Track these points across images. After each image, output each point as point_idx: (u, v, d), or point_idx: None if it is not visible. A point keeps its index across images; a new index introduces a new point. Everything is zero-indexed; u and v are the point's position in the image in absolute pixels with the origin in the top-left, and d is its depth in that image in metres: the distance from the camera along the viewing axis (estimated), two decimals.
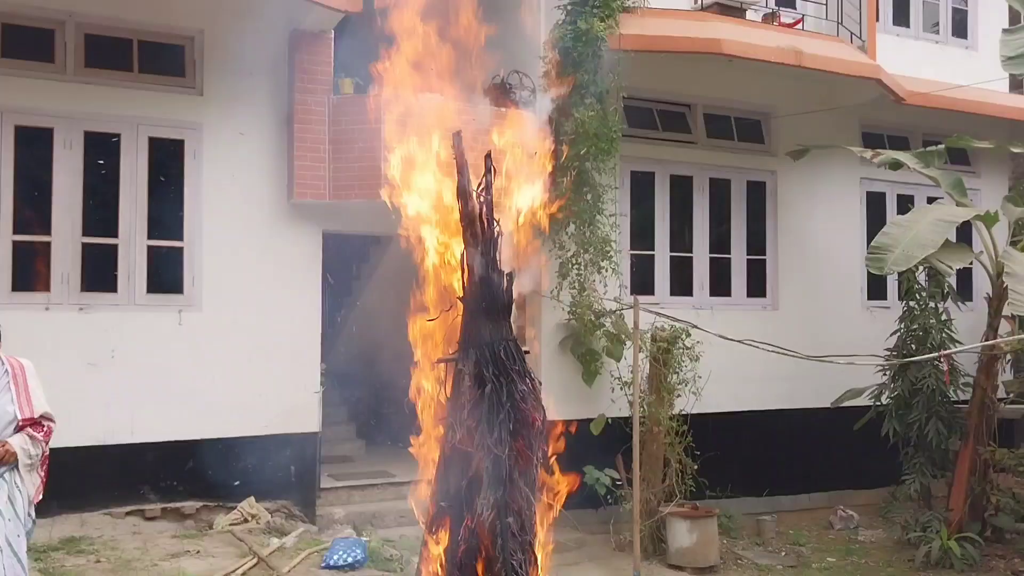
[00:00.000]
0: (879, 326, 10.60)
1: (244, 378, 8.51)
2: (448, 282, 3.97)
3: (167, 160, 8.46)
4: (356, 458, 10.65)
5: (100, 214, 8.21)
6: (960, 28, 12.83)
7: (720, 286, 10.93)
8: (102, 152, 8.23)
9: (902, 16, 12.37)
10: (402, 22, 4.66)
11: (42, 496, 5.14)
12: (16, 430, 4.95)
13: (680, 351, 9.14)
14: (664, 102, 10.74)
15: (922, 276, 10.21)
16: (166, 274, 8.43)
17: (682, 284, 10.71)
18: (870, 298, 11.79)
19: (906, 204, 11.46)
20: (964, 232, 10.93)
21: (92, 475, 7.85)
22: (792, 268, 11.26)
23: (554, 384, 9.29)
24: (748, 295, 11.09)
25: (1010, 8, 11.93)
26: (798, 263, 11.29)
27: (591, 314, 9.41)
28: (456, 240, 3.86)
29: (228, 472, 8.42)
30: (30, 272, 8.08)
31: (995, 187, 12.59)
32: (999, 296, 9.02)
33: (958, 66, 12.07)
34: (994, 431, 9.26)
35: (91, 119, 8.15)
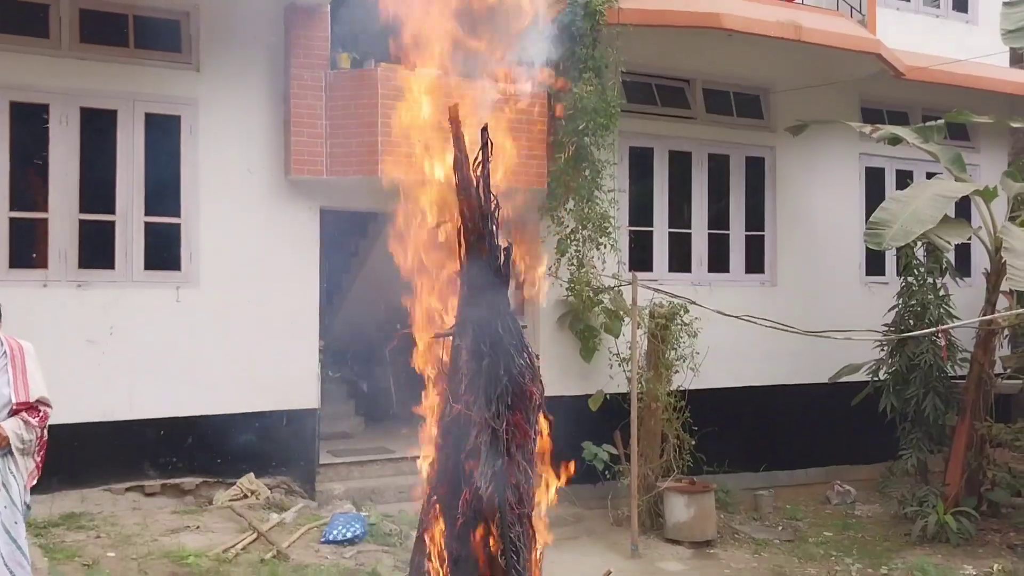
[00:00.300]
0: (877, 302, 10.61)
1: (242, 354, 8.52)
2: (445, 254, 3.97)
3: (164, 136, 8.42)
4: (355, 434, 10.68)
5: (97, 191, 8.18)
6: (960, 2, 12.76)
7: (719, 262, 10.93)
8: (98, 128, 8.19)
9: None
10: None
11: (37, 478, 5.13)
12: (10, 414, 4.92)
13: (678, 327, 9.15)
14: (663, 77, 10.70)
15: (920, 252, 10.21)
16: (163, 251, 8.41)
17: (680, 260, 10.71)
18: (868, 274, 11.80)
19: (905, 179, 11.45)
20: (963, 207, 10.92)
21: (91, 451, 7.87)
22: (791, 244, 11.26)
23: (553, 360, 9.31)
24: (746, 271, 11.10)
25: None
26: (797, 239, 11.29)
27: (589, 290, 9.41)
28: (453, 212, 3.85)
29: (227, 448, 8.44)
30: (27, 249, 8.07)
31: (994, 162, 12.56)
32: (997, 271, 9.02)
33: (958, 40, 12.01)
34: (991, 406, 9.30)
35: (87, 95, 8.10)
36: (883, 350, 10.09)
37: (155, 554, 6.86)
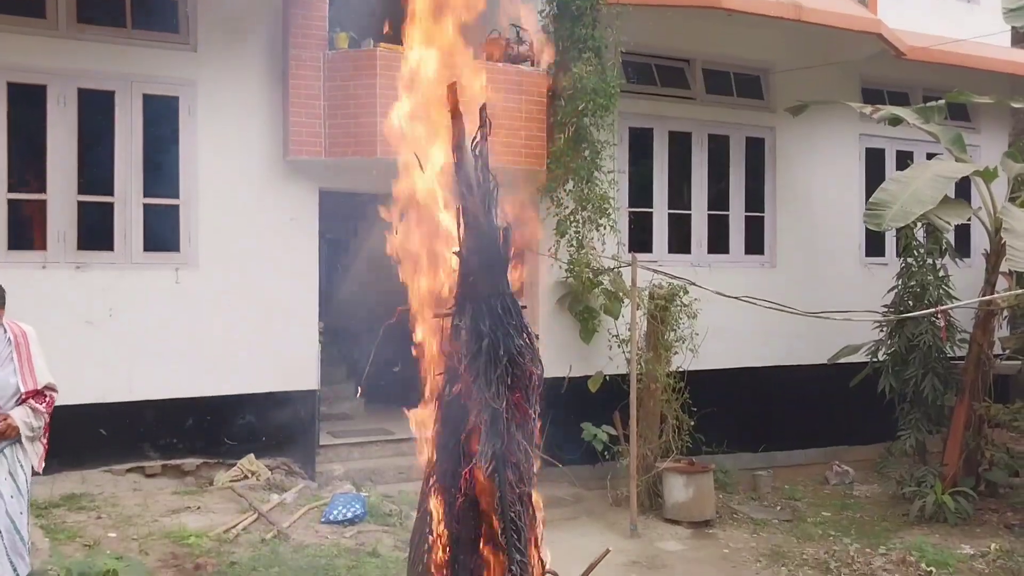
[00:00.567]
0: (877, 283, 10.62)
1: (242, 336, 8.52)
2: (444, 237, 3.96)
3: (162, 117, 8.39)
4: (355, 416, 10.70)
5: (95, 172, 8.16)
6: None
7: (718, 243, 10.92)
8: (96, 109, 8.15)
9: None
10: None
11: (43, 465, 5.15)
12: (18, 402, 4.92)
13: (678, 308, 9.15)
14: (663, 57, 10.65)
15: (920, 233, 10.20)
16: (162, 232, 8.39)
17: (680, 241, 10.71)
18: (868, 255, 11.80)
19: (905, 160, 11.42)
20: (963, 188, 10.92)
21: (92, 433, 7.89)
22: (790, 225, 11.24)
23: (552, 342, 9.32)
24: (746, 252, 11.10)
25: None
26: (796, 220, 11.28)
27: (589, 272, 9.40)
28: (452, 193, 3.84)
29: (227, 429, 8.46)
30: (26, 231, 8.06)
31: (995, 143, 12.53)
32: (997, 252, 9.02)
33: (959, 20, 11.97)
34: (990, 387, 9.32)
35: (84, 76, 8.07)
36: (882, 331, 10.11)
37: (156, 534, 6.89)
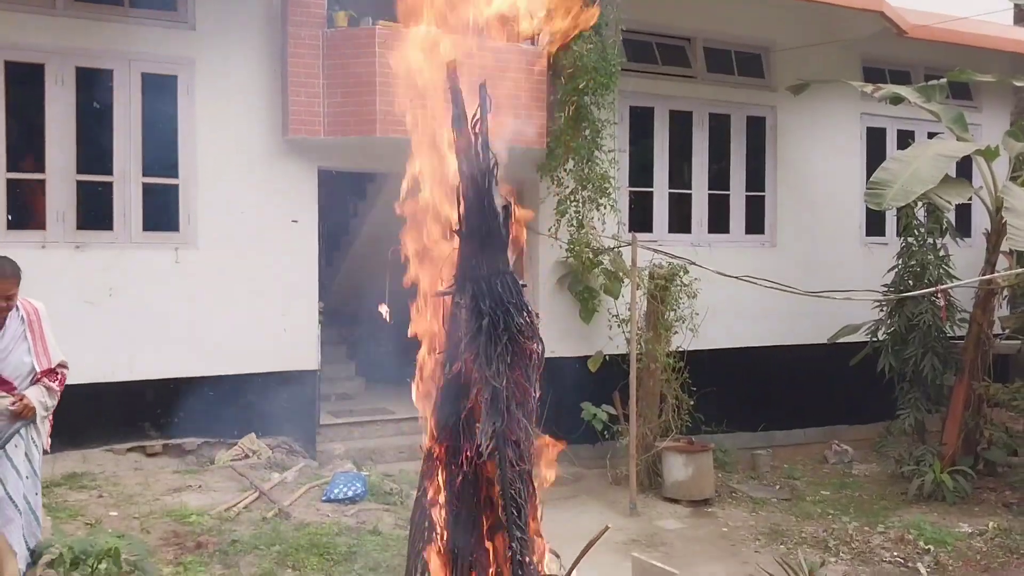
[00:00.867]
0: (877, 262, 10.61)
1: (242, 316, 8.53)
2: (444, 215, 3.95)
3: (161, 96, 8.35)
4: (355, 395, 10.74)
5: (94, 151, 8.14)
6: None
7: (719, 223, 10.91)
8: (95, 88, 8.13)
9: None
10: None
11: (50, 443, 5.16)
12: (33, 381, 4.91)
13: (678, 288, 9.14)
14: (664, 36, 10.60)
15: (921, 212, 10.18)
16: (162, 212, 8.38)
17: (681, 221, 10.70)
18: (868, 234, 11.79)
19: (906, 140, 11.38)
20: (964, 167, 10.88)
21: (93, 412, 7.90)
22: (791, 205, 11.23)
23: (552, 322, 9.32)
24: (746, 232, 11.09)
25: None
26: (797, 200, 11.26)
27: (589, 252, 9.40)
28: (452, 172, 3.82)
29: (228, 409, 8.47)
30: (25, 210, 8.04)
31: (997, 122, 12.49)
32: (998, 231, 9.00)
33: None
34: (989, 366, 9.32)
35: (82, 55, 8.03)
36: (882, 310, 10.10)
37: (157, 513, 6.91)
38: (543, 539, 3.99)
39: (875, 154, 11.42)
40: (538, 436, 3.98)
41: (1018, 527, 7.83)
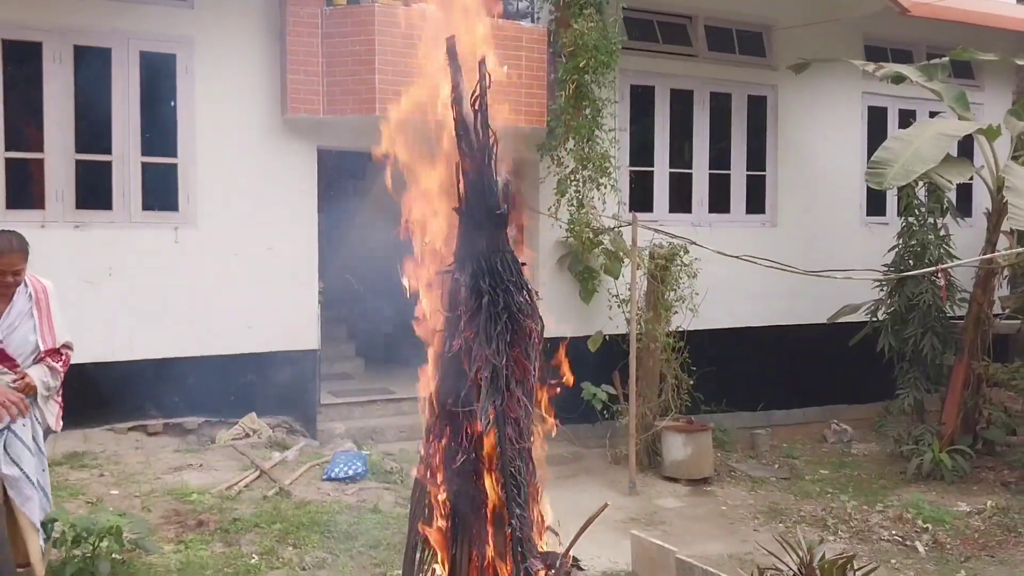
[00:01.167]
0: (877, 242, 10.59)
1: (242, 296, 8.53)
2: (444, 194, 3.94)
3: (159, 75, 8.32)
4: (355, 375, 10.76)
5: (93, 130, 8.11)
6: None
7: (719, 203, 10.89)
8: (93, 67, 8.08)
9: None
10: None
11: (62, 424, 5.17)
12: (36, 360, 4.90)
13: (678, 268, 9.14)
14: (665, 14, 10.54)
15: (922, 192, 10.16)
16: (161, 191, 8.37)
17: (681, 201, 10.67)
18: (869, 214, 11.77)
19: (908, 119, 11.36)
20: (966, 147, 10.85)
21: (93, 391, 7.90)
22: (791, 184, 11.20)
23: (552, 302, 9.31)
24: (747, 211, 11.07)
25: None
26: (798, 179, 11.23)
27: (589, 232, 9.38)
28: (451, 150, 3.81)
29: (229, 388, 8.50)
30: (24, 190, 8.02)
31: (999, 101, 12.43)
32: (999, 211, 8.99)
33: None
34: (989, 346, 9.33)
35: (80, 33, 7.99)
36: (882, 290, 10.10)
37: (158, 491, 6.94)
38: (543, 516, 4.00)
39: (876, 133, 11.39)
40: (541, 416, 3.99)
41: (1016, 506, 7.86)
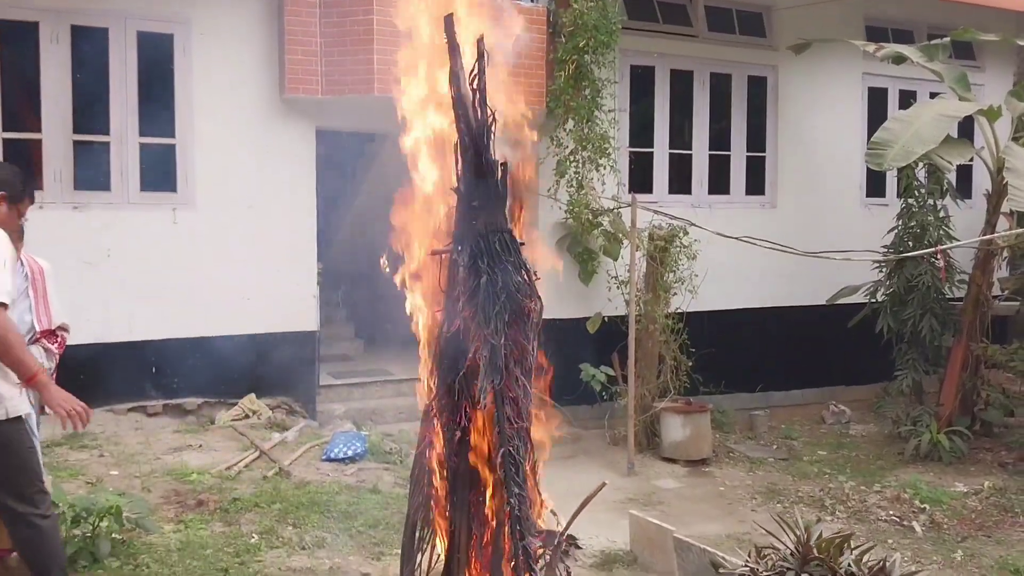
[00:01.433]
0: (877, 224, 10.57)
1: (241, 277, 8.51)
2: (442, 173, 3.93)
3: (156, 55, 8.28)
4: (355, 357, 10.77)
5: (91, 111, 8.07)
6: None
7: (719, 184, 10.86)
8: (90, 47, 8.04)
9: None
10: None
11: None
12: (31, 341, 4.88)
13: (677, 249, 9.13)
14: None
15: (922, 173, 10.14)
16: (159, 172, 8.34)
17: (681, 182, 10.65)
18: (869, 195, 11.75)
19: (908, 100, 11.29)
20: (966, 128, 10.81)
21: (92, 372, 7.89)
22: (791, 165, 11.17)
23: (551, 283, 9.29)
24: (747, 193, 11.05)
25: None
26: (797, 160, 11.20)
27: (588, 213, 9.36)
28: (450, 129, 3.80)
29: (228, 369, 8.48)
30: (22, 170, 7.95)
31: (1000, 82, 12.38)
32: (999, 192, 8.97)
33: None
34: (987, 328, 9.33)
35: (77, 12, 7.93)
36: (882, 272, 10.10)
37: (158, 472, 6.96)
38: (541, 495, 4.02)
39: (876, 114, 11.34)
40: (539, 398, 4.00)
41: (1013, 486, 7.89)
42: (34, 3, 7.76)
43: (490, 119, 3.71)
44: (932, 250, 9.16)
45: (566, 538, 4.43)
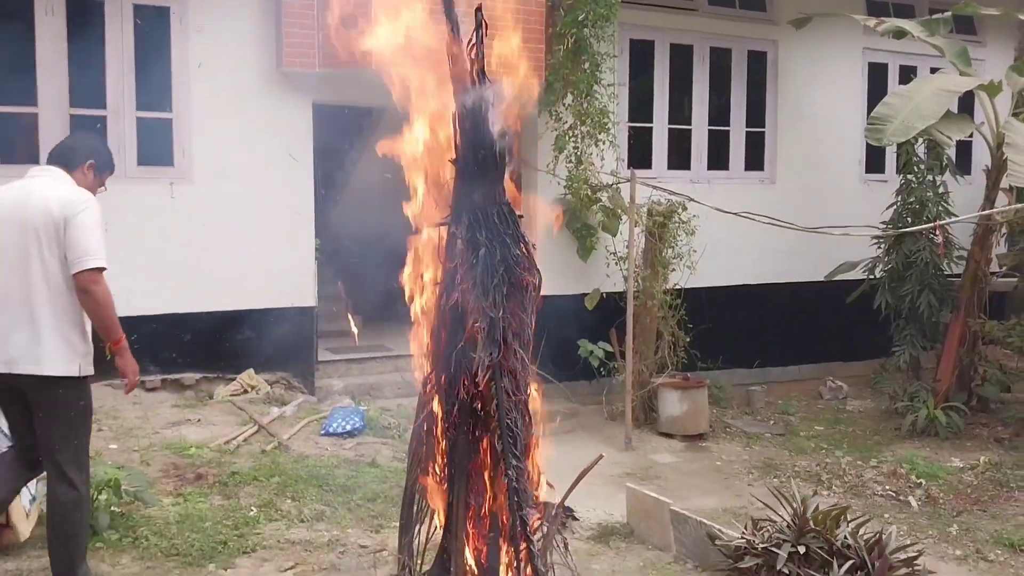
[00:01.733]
0: (876, 199, 10.56)
1: (238, 252, 8.49)
2: (440, 145, 3.91)
3: (153, 28, 8.21)
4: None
5: (87, 84, 8.01)
6: None
7: (718, 159, 10.83)
8: (86, 20, 7.97)
9: None
10: None
11: None
12: None
13: (676, 225, 9.12)
14: None
15: (921, 148, 10.11)
16: (156, 146, 8.30)
17: (680, 157, 10.61)
18: (868, 171, 11.72)
19: (908, 75, 11.22)
20: (966, 103, 10.77)
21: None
22: (791, 141, 11.14)
23: (549, 259, 9.29)
24: (746, 168, 11.02)
25: None
26: (797, 136, 11.17)
27: (587, 188, 9.33)
28: (448, 101, 3.77)
29: (226, 345, 8.50)
30: (18, 145, 7.95)
31: (1001, 57, 12.31)
32: (998, 168, 8.95)
33: None
34: (985, 304, 9.34)
35: None
36: (880, 247, 10.09)
37: (157, 446, 6.98)
38: (539, 468, 4.03)
39: (876, 90, 11.29)
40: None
41: (1009, 461, 7.92)
42: None
43: (488, 90, 3.68)
44: (931, 225, 9.16)
45: (563, 510, 4.45)
